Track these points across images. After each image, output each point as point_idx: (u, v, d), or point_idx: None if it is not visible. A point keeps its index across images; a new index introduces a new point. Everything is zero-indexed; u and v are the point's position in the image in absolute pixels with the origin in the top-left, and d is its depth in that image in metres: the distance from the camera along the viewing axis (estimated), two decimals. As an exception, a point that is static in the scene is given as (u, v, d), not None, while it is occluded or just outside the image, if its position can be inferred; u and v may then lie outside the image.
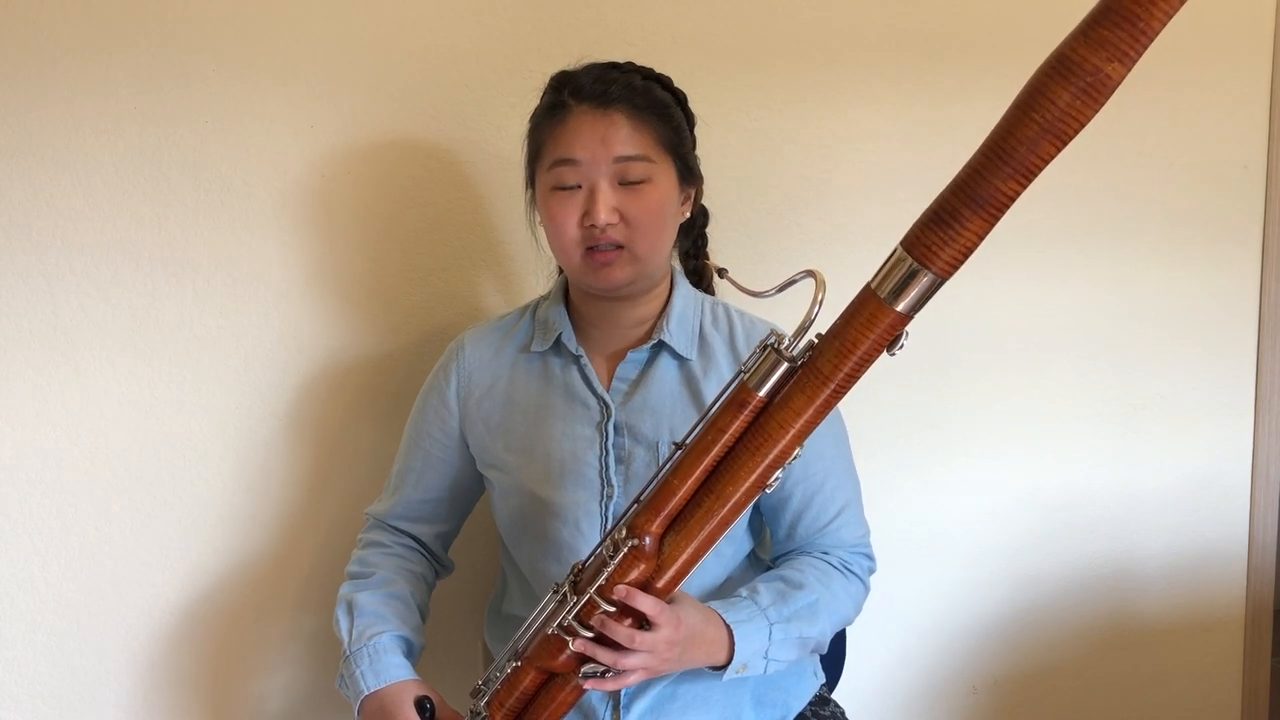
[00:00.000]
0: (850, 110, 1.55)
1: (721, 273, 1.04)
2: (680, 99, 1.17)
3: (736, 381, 0.89)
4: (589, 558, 0.97)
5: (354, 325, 1.41)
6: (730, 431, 0.88)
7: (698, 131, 1.19)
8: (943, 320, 1.62)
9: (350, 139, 1.37)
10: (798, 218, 1.56)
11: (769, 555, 1.24)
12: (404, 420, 1.28)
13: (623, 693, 1.11)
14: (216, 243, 1.34)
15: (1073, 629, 1.78)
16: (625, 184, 1.08)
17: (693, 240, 1.27)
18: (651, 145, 1.09)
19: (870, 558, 1.21)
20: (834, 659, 1.38)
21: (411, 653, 1.14)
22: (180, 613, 1.40)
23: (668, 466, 0.92)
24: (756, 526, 1.22)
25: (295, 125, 1.34)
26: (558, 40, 1.41)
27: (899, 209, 1.58)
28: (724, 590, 1.16)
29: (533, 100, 1.17)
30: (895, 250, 0.78)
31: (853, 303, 0.82)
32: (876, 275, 0.80)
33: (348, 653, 1.12)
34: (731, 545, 1.16)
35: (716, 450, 0.89)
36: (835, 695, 1.33)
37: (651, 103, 1.10)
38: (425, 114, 1.39)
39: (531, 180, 1.17)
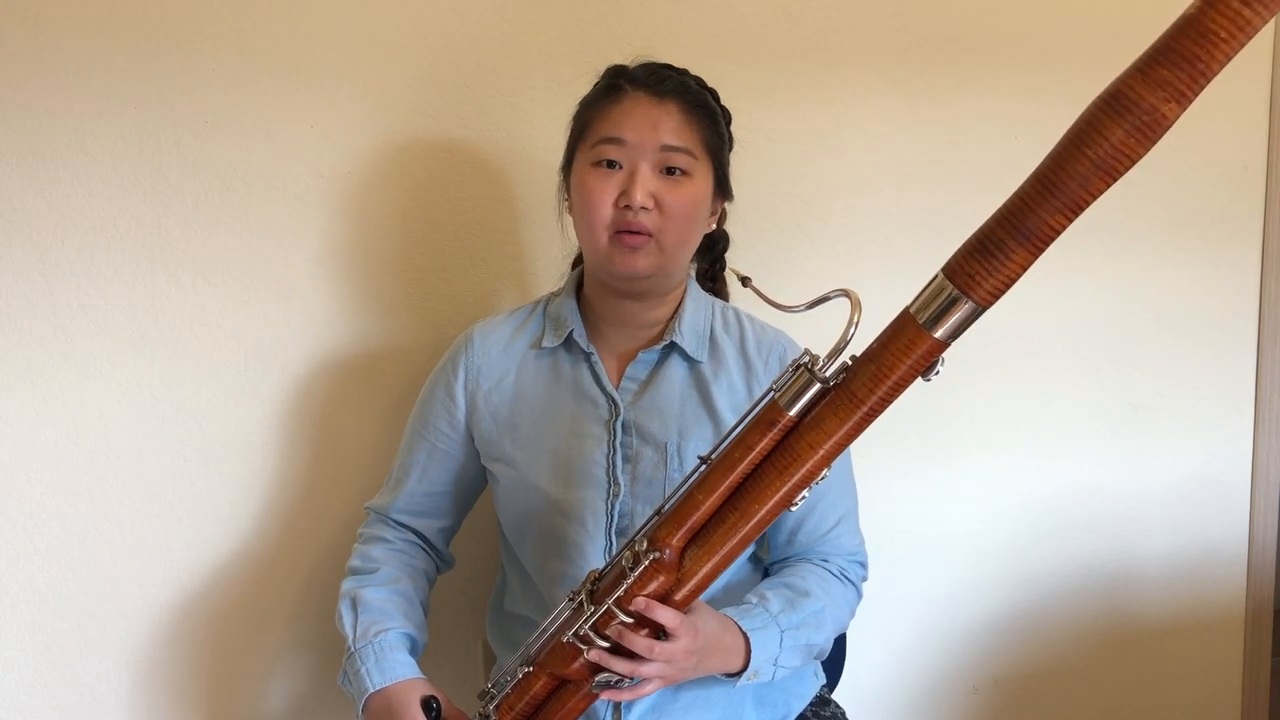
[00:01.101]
0: (851, 110, 1.55)
1: (745, 281, 1.02)
2: (727, 115, 1.19)
3: (767, 400, 0.88)
4: (606, 567, 0.97)
5: (355, 325, 1.41)
6: (758, 449, 0.87)
7: None
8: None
9: (350, 139, 1.37)
10: (797, 218, 1.56)
11: (768, 559, 1.24)
12: (405, 420, 1.28)
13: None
14: (216, 243, 1.34)
15: (1073, 629, 1.78)
16: (666, 173, 1.09)
17: (710, 262, 1.28)
18: (697, 143, 1.11)
19: (865, 566, 1.22)
20: (834, 659, 1.38)
21: (416, 650, 1.14)
22: (180, 613, 1.40)
23: (692, 480, 0.92)
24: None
25: (295, 125, 1.34)
26: (559, 40, 1.41)
27: (900, 208, 1.58)
28: (726, 593, 1.16)
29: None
30: (935, 277, 0.77)
31: (890, 326, 0.81)
32: (916, 300, 0.79)
33: (352, 649, 1.11)
34: None
35: (743, 467, 0.88)
36: (835, 695, 1.33)
37: (703, 104, 1.13)
38: (425, 114, 1.39)
39: (569, 161, 1.17)
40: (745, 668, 1.04)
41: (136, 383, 1.34)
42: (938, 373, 0.81)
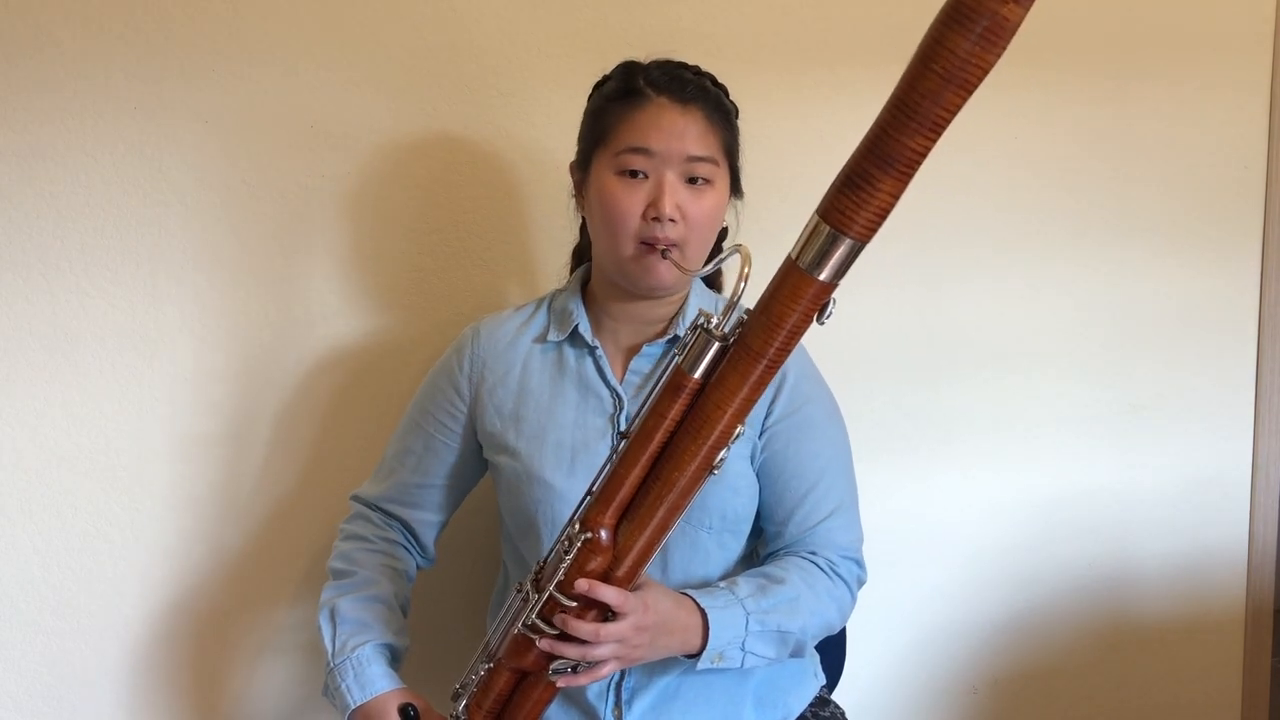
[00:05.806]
0: (850, 110, 1.55)
1: (664, 253, 1.06)
2: (736, 111, 1.18)
3: (672, 366, 0.89)
4: (548, 553, 0.97)
5: (355, 325, 1.41)
6: (670, 417, 0.88)
7: None
8: (943, 321, 1.62)
9: (350, 139, 1.37)
10: (798, 218, 1.55)
11: (763, 552, 1.24)
12: (405, 420, 1.28)
13: (624, 690, 1.12)
14: (216, 243, 1.34)
15: (1073, 629, 1.78)
16: (689, 182, 1.09)
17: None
18: (718, 149, 1.11)
19: (860, 565, 1.20)
20: (834, 659, 1.38)
21: (397, 657, 1.14)
22: (180, 612, 1.40)
23: (614, 457, 0.92)
24: (758, 527, 1.22)
25: (295, 125, 1.34)
26: (559, 39, 1.41)
27: (897, 207, 1.58)
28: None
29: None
30: (812, 219, 0.78)
31: (776, 276, 0.82)
32: (796, 245, 0.79)
33: (331, 665, 1.11)
34: (736, 540, 1.16)
35: (659, 436, 0.89)
36: (835, 695, 1.33)
37: (721, 108, 1.13)
38: (425, 114, 1.39)
39: (585, 161, 1.15)
40: (705, 647, 1.03)
41: (136, 383, 1.34)
42: (830, 315, 0.81)
